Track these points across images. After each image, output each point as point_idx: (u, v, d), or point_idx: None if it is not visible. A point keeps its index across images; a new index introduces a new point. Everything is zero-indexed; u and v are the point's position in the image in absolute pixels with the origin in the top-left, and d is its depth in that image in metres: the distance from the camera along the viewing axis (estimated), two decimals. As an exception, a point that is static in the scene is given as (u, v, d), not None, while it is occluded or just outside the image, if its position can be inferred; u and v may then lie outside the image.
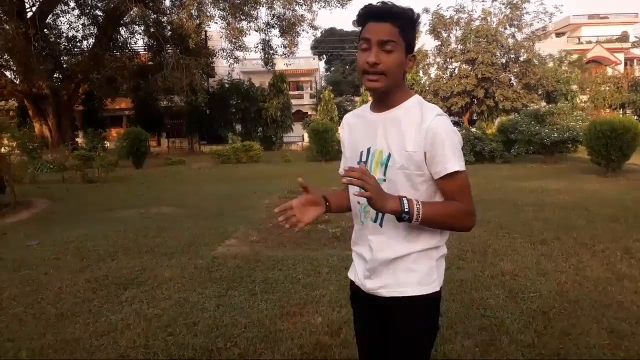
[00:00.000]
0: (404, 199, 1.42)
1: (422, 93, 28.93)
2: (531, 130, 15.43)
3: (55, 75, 25.29)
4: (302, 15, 23.99)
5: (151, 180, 13.71)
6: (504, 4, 26.61)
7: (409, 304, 1.53)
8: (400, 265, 1.53)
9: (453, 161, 1.45)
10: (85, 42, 26.75)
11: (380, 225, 1.54)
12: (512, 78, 27.28)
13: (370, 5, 1.49)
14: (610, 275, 4.31)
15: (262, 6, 23.43)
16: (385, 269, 1.55)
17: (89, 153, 15.93)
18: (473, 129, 18.88)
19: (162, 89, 25.16)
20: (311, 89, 43.60)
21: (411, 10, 1.51)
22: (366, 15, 1.48)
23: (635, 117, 23.35)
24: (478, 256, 4.97)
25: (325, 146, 19.04)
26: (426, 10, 27.81)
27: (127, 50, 27.31)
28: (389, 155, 1.50)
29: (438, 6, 28.32)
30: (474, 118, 29.09)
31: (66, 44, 26.15)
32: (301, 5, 23.84)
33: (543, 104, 24.76)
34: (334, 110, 31.91)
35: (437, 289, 1.57)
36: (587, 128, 12.63)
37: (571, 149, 16.18)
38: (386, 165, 1.50)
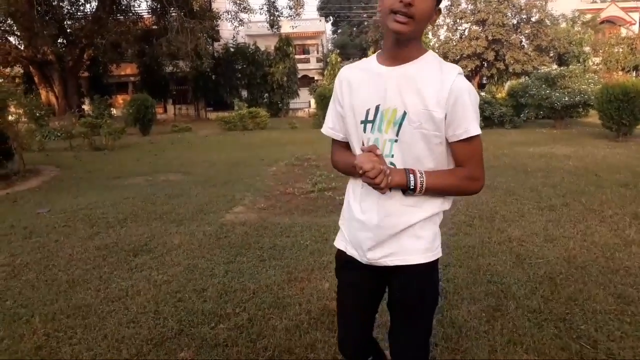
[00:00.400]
0: (410, 174, 1.42)
1: (430, 56, 28.49)
2: (542, 94, 15.19)
3: (59, 41, 25.07)
4: (308, -24, 23.43)
5: (158, 147, 13.72)
6: (516, -39, 25.83)
7: (415, 271, 1.52)
8: (407, 232, 1.50)
9: (475, 124, 1.43)
10: (88, 6, 26.41)
11: (390, 188, 1.45)
12: (524, 40, 26.74)
13: None
14: (618, 241, 4.30)
15: (268, -34, 22.92)
16: (391, 236, 1.50)
17: (96, 120, 15.89)
18: (482, 93, 18.62)
19: (167, 54, 24.90)
20: (318, 52, 42.90)
21: None
22: None
23: (649, 80, 22.86)
24: (485, 222, 4.97)
25: (333, 112, 18.86)
26: (436, -31, 27.06)
27: (130, 14, 26.93)
28: (404, 114, 1.42)
29: (448, -36, 27.35)
30: (484, 82, 28.67)
31: (69, 7, 25.79)
32: (307, -35, 23.26)
33: (554, 66, 24.27)
34: (342, 74, 31.53)
35: (441, 254, 1.57)
36: (599, 91, 12.41)
37: (582, 114, 15.99)
38: (400, 124, 1.43)
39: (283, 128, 19.86)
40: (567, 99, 14.73)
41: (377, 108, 1.48)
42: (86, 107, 26.79)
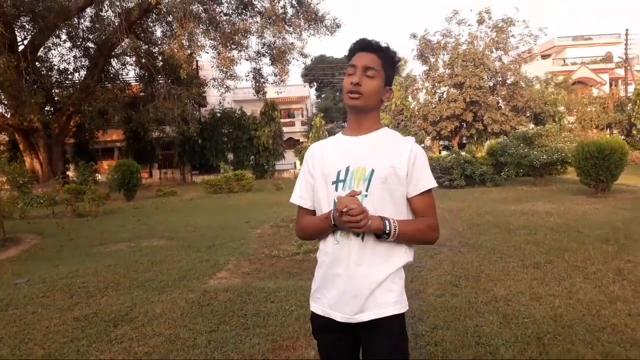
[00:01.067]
0: (385, 220, 1.60)
1: (411, 118, 29.31)
2: (520, 153, 15.59)
3: (46, 109, 25.36)
4: (292, 44, 24.36)
5: (142, 212, 13.63)
6: (489, 27, 27.20)
7: (388, 323, 1.66)
8: (380, 287, 1.65)
9: (432, 178, 1.74)
10: (76, 75, 26.96)
11: (362, 239, 1.65)
12: (500, 101, 27.69)
13: (362, 39, 1.77)
14: (603, 297, 4.30)
15: (253, 35, 23.80)
16: (363, 291, 1.64)
17: (80, 186, 15.85)
18: (463, 153, 19.05)
19: (154, 120, 25.21)
20: (302, 116, 43.95)
21: (394, 50, 1.79)
22: (357, 47, 1.76)
23: (622, 137, 23.67)
24: (471, 282, 4.95)
25: (317, 173, 19.03)
26: (414, 36, 28.40)
27: (118, 82, 27.50)
28: (372, 171, 1.66)
29: (425, 31, 28.73)
30: (464, 142, 29.39)
31: (58, 76, 26.32)
32: (291, 33, 24.22)
33: (531, 126, 25.12)
34: (326, 136, 32.07)
35: (407, 307, 1.73)
36: (575, 149, 12.76)
37: (560, 171, 16.34)
38: (369, 181, 1.66)
39: (268, 190, 19.95)
40: (545, 157, 15.13)
41: (347, 169, 1.70)
42: (71, 173, 26.73)
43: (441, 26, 44.56)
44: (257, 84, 26.99)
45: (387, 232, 1.59)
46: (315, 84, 57.45)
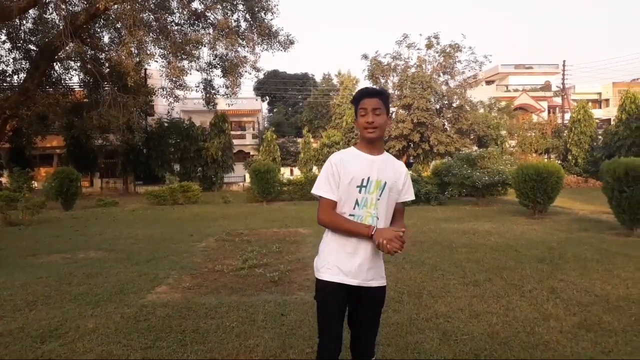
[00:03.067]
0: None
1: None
2: (464, 174, 16.11)
3: (-20, 111, 23.95)
4: (244, 57, 24.18)
5: (80, 222, 13.03)
6: (438, 52, 28.16)
7: (382, 290, 2.51)
8: (381, 263, 2.49)
9: (413, 193, 2.57)
10: (15, 77, 25.62)
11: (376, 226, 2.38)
12: (446, 123, 28.58)
13: (366, 88, 2.56)
14: (537, 315, 4.46)
15: (204, 46, 23.46)
16: (374, 265, 2.41)
17: (13, 194, 14.97)
18: (410, 172, 19.46)
19: (97, 127, 24.32)
20: (254, 129, 43.71)
21: (388, 92, 2.64)
22: (363, 94, 2.46)
23: (559, 162, 24.97)
24: (414, 298, 5.02)
25: (267, 187, 18.91)
26: (365, 57, 28.97)
27: (61, 87, 26.34)
28: (385, 183, 2.39)
29: (376, 53, 29.40)
30: (411, 161, 30.10)
31: (-6, 78, 24.97)
32: (244, 47, 24.08)
33: (475, 148, 26.06)
34: (277, 150, 32.02)
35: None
36: (515, 172, 13.30)
37: (501, 192, 17.00)
38: (382, 189, 2.39)
39: (216, 202, 19.60)
40: (487, 178, 15.70)
41: (368, 179, 2.38)
42: (4, 179, 25.29)
43: (391, 48, 45.79)
44: (208, 95, 26.61)
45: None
46: (267, 98, 57.37)
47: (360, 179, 2.36)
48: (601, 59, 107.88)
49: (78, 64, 24.95)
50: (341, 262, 2.38)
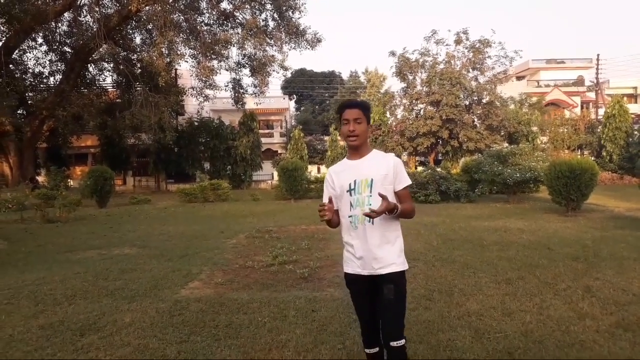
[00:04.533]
0: (396, 204, 2.55)
1: (389, 133, 29.54)
2: (494, 171, 15.84)
3: (19, 112, 24.80)
4: (272, 56, 24.39)
5: (115, 220, 13.37)
6: (467, 48, 27.70)
7: (395, 276, 2.59)
8: (386, 251, 2.60)
9: (407, 178, 2.72)
10: (52, 79, 26.50)
11: (372, 223, 2.57)
12: (476, 119, 28.11)
13: (347, 100, 2.81)
14: (572, 314, 4.37)
15: (233, 46, 23.77)
16: (378, 255, 2.57)
17: (51, 192, 15.46)
18: (438, 169, 19.26)
19: (130, 127, 24.89)
20: (281, 127, 43.96)
21: (368, 102, 2.90)
22: (345, 105, 2.71)
23: (592, 158, 24.30)
24: (445, 296, 4.98)
25: (295, 184, 19.04)
26: (393, 54, 28.70)
27: (95, 87, 27.11)
28: (372, 179, 2.60)
29: (404, 49, 29.05)
30: (439, 158, 29.72)
31: (32, 80, 25.81)
32: (272, 46, 24.30)
33: (505, 144, 25.56)
34: (304, 148, 32.14)
35: (407, 266, 2.68)
36: (548, 169, 13.02)
37: (533, 189, 16.64)
38: (371, 185, 2.59)
39: (245, 200, 19.81)
40: (518, 175, 15.40)
41: (354, 181, 2.63)
42: (42, 178, 26.11)
43: (420, 45, 45.46)
44: (237, 94, 26.94)
45: (396, 209, 2.52)
46: (295, 96, 57.55)
47: (348, 183, 2.64)
48: (637, 52, 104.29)
49: (111, 65, 25.64)
50: (352, 255, 2.67)
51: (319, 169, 32.96)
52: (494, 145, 24.78)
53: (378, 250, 2.58)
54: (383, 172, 2.61)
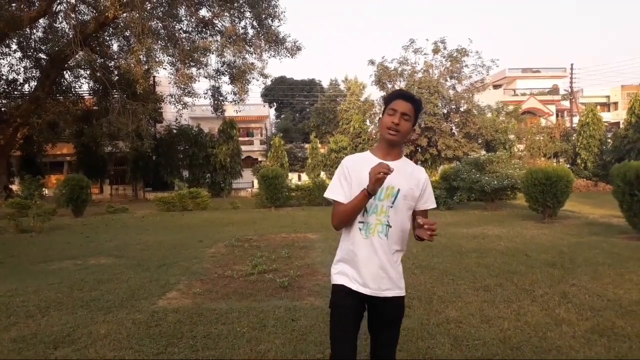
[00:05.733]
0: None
1: (369, 141, 29.73)
2: (472, 178, 16.04)
3: (-9, 119, 24.22)
4: (252, 64, 24.35)
5: (91, 229, 13.12)
6: (444, 57, 28.11)
7: (401, 300, 2.33)
8: (398, 272, 2.31)
9: (434, 200, 2.43)
10: (26, 86, 25.96)
11: (387, 237, 2.26)
12: (454, 127, 28.48)
13: (402, 90, 2.59)
14: (549, 320, 4.43)
15: (212, 53, 23.67)
16: (390, 274, 2.26)
17: (25, 201, 15.11)
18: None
19: (107, 135, 24.51)
20: (261, 135, 43.87)
21: (421, 101, 2.47)
22: (397, 95, 2.33)
23: (568, 166, 24.80)
24: (424, 303, 5.00)
25: (275, 192, 18.97)
26: (372, 62, 28.97)
27: (71, 95, 26.63)
28: (398, 190, 2.27)
29: (383, 58, 29.35)
30: (418, 166, 30.00)
31: (6, 87, 25.28)
32: (251, 54, 24.26)
33: (483, 152, 25.92)
34: (284, 156, 32.07)
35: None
36: (524, 176, 13.23)
37: (510, 196, 16.88)
38: (395, 197, 2.26)
39: (224, 208, 19.66)
40: (495, 182, 15.62)
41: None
42: (16, 187, 25.53)
43: (398, 54, 45.83)
44: (216, 102, 26.79)
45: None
46: (275, 104, 57.48)
47: None
48: (609, 62, 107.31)
49: (88, 72, 25.23)
50: (354, 268, 2.29)
51: (299, 177, 32.92)
52: (471, 153, 25.13)
53: (389, 268, 2.26)
54: (411, 185, 2.30)
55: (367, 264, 2.25)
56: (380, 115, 2.38)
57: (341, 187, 2.32)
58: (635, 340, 3.89)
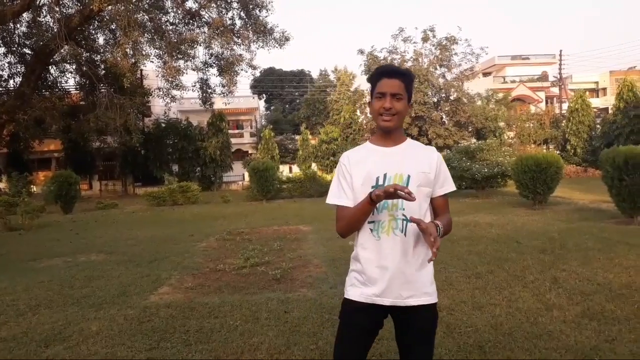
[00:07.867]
0: (436, 224, 1.85)
1: (359, 131, 29.73)
2: (463, 166, 16.09)
3: (-24, 117, 23.89)
4: (240, 55, 24.16)
5: (80, 226, 13.02)
6: (434, 45, 28.12)
7: (431, 309, 1.99)
8: (425, 275, 1.97)
9: (452, 183, 2.09)
10: (11, 81, 25.62)
11: (405, 234, 1.93)
12: (444, 116, 28.57)
13: (385, 65, 2.09)
14: (540, 305, 4.46)
15: (200, 45, 23.44)
16: (412, 278, 1.93)
17: (12, 198, 14.95)
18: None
19: (95, 130, 24.27)
20: (251, 127, 43.66)
21: (411, 71, 2.09)
22: (381, 73, 2.01)
23: (557, 152, 24.94)
24: (416, 292, 5.00)
25: (266, 185, 18.93)
26: (361, 52, 28.94)
27: (57, 90, 26.32)
28: (409, 177, 1.95)
29: (372, 47, 29.30)
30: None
31: (-11, 83, 24.93)
32: (239, 45, 24.04)
33: (473, 140, 26.04)
34: (275, 148, 31.98)
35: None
36: (515, 163, 13.29)
37: (501, 184, 16.98)
38: (407, 184, 1.92)
39: (215, 202, 19.59)
40: (486, 170, 15.69)
41: (384, 175, 1.96)
42: (2, 184, 25.27)
43: (387, 43, 45.59)
44: (204, 95, 26.59)
45: (438, 230, 1.83)
46: (264, 95, 57.25)
47: (375, 177, 1.97)
48: (598, 48, 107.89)
49: (74, 67, 24.93)
50: (368, 276, 1.98)
51: (290, 169, 32.87)
52: (462, 142, 25.25)
53: (408, 272, 1.92)
54: (423, 168, 1.97)
55: (381, 270, 1.93)
56: (370, 100, 2.10)
57: (342, 190, 2.04)
58: (624, 323, 3.93)
